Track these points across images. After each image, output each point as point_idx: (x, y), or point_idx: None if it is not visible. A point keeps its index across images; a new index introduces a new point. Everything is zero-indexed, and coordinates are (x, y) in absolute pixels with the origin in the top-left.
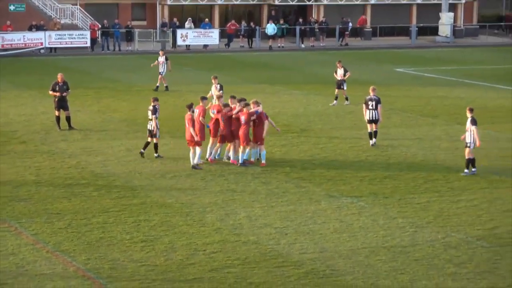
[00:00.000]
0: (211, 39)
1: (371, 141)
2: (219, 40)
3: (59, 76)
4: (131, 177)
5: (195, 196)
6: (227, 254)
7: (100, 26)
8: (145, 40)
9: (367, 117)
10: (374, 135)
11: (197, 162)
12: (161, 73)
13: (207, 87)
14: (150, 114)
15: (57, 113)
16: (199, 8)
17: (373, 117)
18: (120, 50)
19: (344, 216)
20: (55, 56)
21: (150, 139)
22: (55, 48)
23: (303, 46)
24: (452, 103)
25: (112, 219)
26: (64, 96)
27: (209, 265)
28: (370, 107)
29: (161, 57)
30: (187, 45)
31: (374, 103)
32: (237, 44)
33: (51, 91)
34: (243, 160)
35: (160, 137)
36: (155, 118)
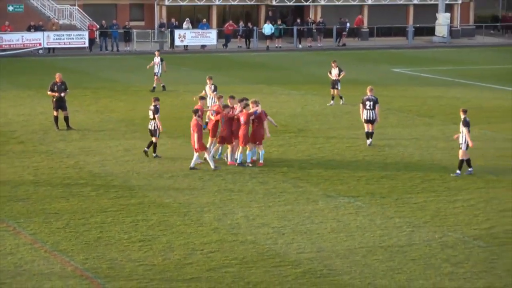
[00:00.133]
0: (209, 40)
1: (368, 140)
2: (216, 41)
3: (57, 76)
4: (129, 177)
5: (192, 196)
6: (225, 254)
7: (98, 26)
8: (143, 41)
9: (364, 117)
10: (371, 135)
11: (193, 166)
12: (156, 73)
13: (204, 88)
14: (152, 114)
15: (55, 113)
16: (197, 8)
17: (370, 117)
18: (118, 50)
19: (341, 215)
20: (53, 57)
21: (155, 139)
22: (53, 49)
23: (300, 46)
24: (448, 103)
25: (110, 219)
26: (62, 96)
27: (206, 265)
28: (367, 107)
29: (157, 57)
30: (185, 45)
31: (372, 103)
32: (234, 44)
33: (49, 91)
34: (241, 161)
35: (159, 137)
36: (158, 118)
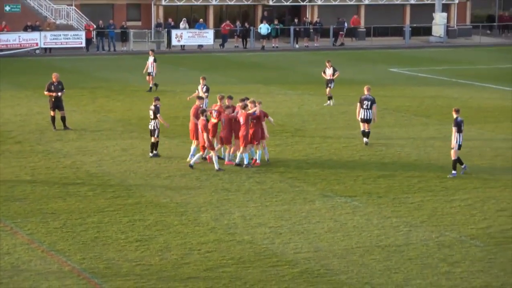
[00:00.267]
0: (206, 40)
1: (364, 139)
2: (213, 41)
3: (54, 76)
4: (126, 177)
5: (189, 195)
6: (222, 254)
7: (95, 26)
8: (140, 41)
9: (361, 116)
10: (367, 135)
11: (193, 163)
12: (150, 73)
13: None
14: (152, 114)
15: (52, 113)
16: (194, 8)
17: (367, 116)
18: (115, 50)
19: (338, 215)
20: (50, 57)
21: (154, 139)
22: (50, 49)
23: (297, 46)
24: (445, 103)
25: (107, 218)
26: (59, 96)
27: (204, 265)
28: (364, 106)
29: (151, 57)
30: (182, 45)
31: (370, 102)
32: (231, 44)
33: (46, 91)
34: (248, 161)
35: (158, 136)
36: (160, 117)
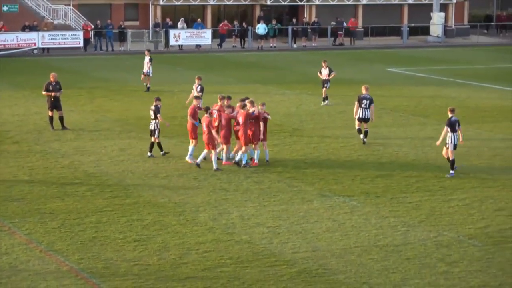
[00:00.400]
0: (204, 39)
1: (361, 135)
2: (211, 40)
3: (52, 76)
4: (124, 176)
5: (187, 195)
6: (220, 254)
7: (93, 26)
8: (138, 40)
9: (359, 115)
10: (365, 134)
11: (199, 161)
12: (147, 73)
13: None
14: (153, 114)
15: (50, 113)
16: (192, 8)
17: (365, 115)
18: (113, 50)
19: (336, 215)
20: (48, 57)
21: (153, 139)
22: (48, 49)
23: (295, 46)
24: (443, 103)
25: (105, 218)
26: (57, 96)
27: (202, 264)
28: (363, 105)
29: (147, 56)
30: (179, 45)
31: (368, 102)
32: (229, 44)
33: (44, 91)
34: (246, 161)
35: (158, 137)
36: (160, 117)
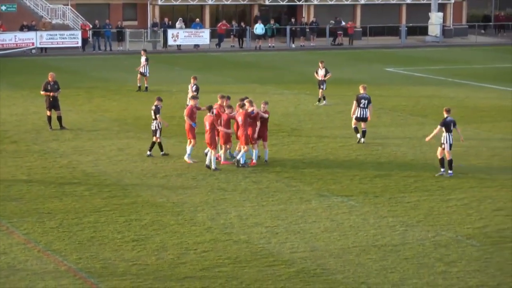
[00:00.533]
0: (202, 39)
1: (358, 135)
2: (210, 40)
3: (50, 76)
4: (122, 176)
5: (186, 195)
6: (218, 253)
7: (91, 26)
8: (136, 40)
9: (358, 114)
10: (363, 134)
11: (214, 166)
12: (143, 73)
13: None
14: (153, 114)
15: (48, 113)
16: (190, 8)
17: (364, 115)
18: (111, 50)
19: (334, 215)
20: (46, 56)
21: (155, 139)
22: (46, 48)
23: (293, 46)
24: (441, 103)
25: (103, 218)
26: (55, 95)
27: (200, 264)
28: (361, 105)
29: (143, 56)
30: (178, 45)
31: (366, 101)
32: (227, 44)
33: (43, 91)
34: (244, 161)
35: (160, 136)
36: (159, 117)
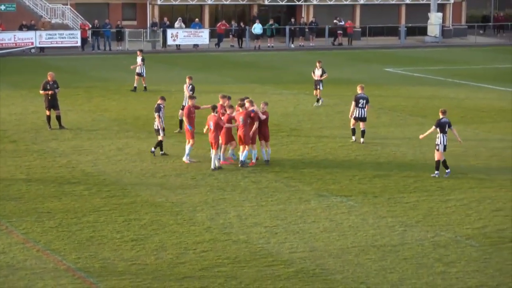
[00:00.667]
0: (201, 39)
1: (354, 137)
2: (209, 40)
3: (49, 75)
4: (122, 176)
5: (185, 195)
6: (218, 253)
7: (90, 26)
8: (135, 40)
9: (356, 114)
10: (362, 134)
11: (217, 165)
12: (140, 73)
13: (196, 86)
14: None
15: (48, 112)
16: (189, 8)
17: (362, 115)
18: (110, 49)
19: (333, 215)
20: (45, 56)
21: (159, 138)
22: (45, 48)
23: (292, 46)
24: (441, 103)
25: (103, 218)
26: (55, 93)
27: (199, 264)
28: (360, 105)
29: (139, 57)
30: (177, 44)
31: (364, 101)
32: (227, 44)
33: (42, 90)
34: (243, 161)
35: (163, 135)
36: (158, 117)
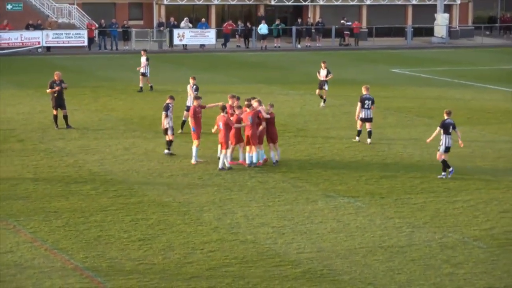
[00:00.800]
0: (208, 39)
1: (357, 138)
2: (216, 40)
3: (56, 74)
4: (129, 175)
5: (192, 195)
6: (225, 253)
7: (97, 25)
8: (142, 40)
9: (362, 115)
10: (369, 135)
11: (227, 165)
12: (144, 73)
13: (203, 87)
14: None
15: (54, 111)
16: (196, 8)
17: (369, 115)
18: (117, 49)
19: (341, 216)
20: (52, 55)
21: (167, 137)
22: (52, 47)
23: (299, 46)
24: (447, 104)
25: (110, 217)
26: (62, 89)
27: (207, 264)
28: (366, 106)
29: (143, 57)
30: (184, 44)
31: (370, 102)
32: (233, 44)
33: (49, 89)
34: (251, 161)
35: (173, 134)
36: (165, 116)
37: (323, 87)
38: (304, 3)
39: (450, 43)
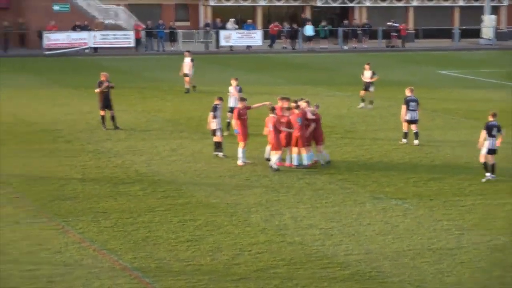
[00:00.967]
0: (254, 40)
1: (404, 140)
2: (262, 41)
3: (103, 75)
4: (176, 176)
5: (240, 196)
6: (273, 255)
7: (144, 26)
8: (188, 41)
9: (408, 117)
10: (416, 136)
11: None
12: (188, 74)
13: (248, 88)
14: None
15: (102, 112)
16: (242, 9)
17: (414, 117)
18: (164, 50)
19: (389, 218)
20: (99, 56)
21: (215, 138)
22: (99, 48)
23: (345, 47)
24: (495, 106)
25: (158, 218)
26: (109, 93)
27: (254, 265)
28: (411, 107)
29: (187, 58)
30: (230, 46)
31: (415, 103)
32: (279, 45)
33: (97, 89)
34: (300, 162)
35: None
36: (213, 116)
37: (369, 88)
38: (350, 5)
39: (497, 44)
